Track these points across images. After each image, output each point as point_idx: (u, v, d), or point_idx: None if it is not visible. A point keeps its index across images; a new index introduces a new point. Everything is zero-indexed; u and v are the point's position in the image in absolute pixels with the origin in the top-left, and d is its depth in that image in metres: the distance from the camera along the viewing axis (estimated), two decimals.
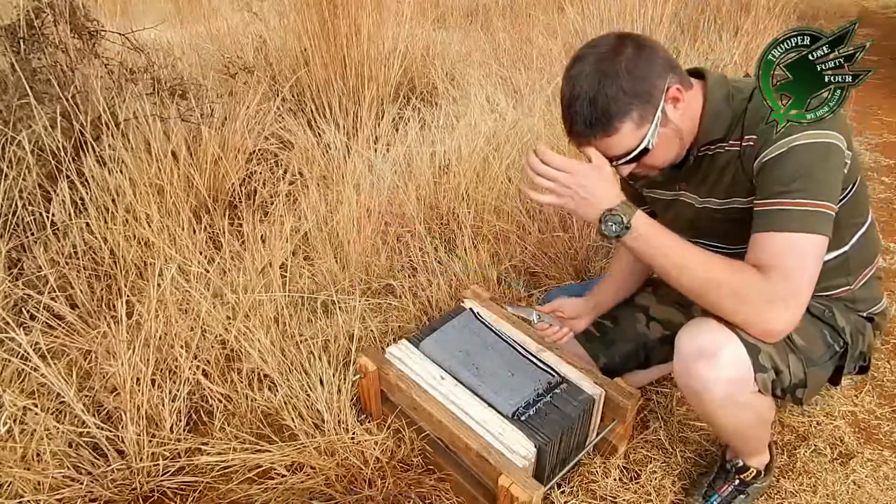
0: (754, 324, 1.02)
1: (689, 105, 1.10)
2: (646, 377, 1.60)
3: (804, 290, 0.99)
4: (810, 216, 0.98)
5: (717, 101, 1.10)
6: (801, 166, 1.00)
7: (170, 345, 1.59)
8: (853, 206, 1.13)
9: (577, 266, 2.17)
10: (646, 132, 1.05)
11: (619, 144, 1.06)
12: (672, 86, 1.05)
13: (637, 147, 1.06)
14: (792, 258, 0.99)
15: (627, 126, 1.03)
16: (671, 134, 1.09)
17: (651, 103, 1.03)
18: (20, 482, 1.29)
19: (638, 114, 1.03)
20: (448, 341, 1.47)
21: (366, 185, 2.27)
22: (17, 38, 2.05)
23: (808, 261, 0.99)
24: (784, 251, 1.00)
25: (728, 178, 1.12)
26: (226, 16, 3.98)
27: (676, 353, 1.11)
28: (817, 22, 5.15)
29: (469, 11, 5.01)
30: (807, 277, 0.99)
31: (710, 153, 1.15)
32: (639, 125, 1.04)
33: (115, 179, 2.02)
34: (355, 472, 1.39)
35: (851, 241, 1.18)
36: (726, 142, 1.11)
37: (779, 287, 0.99)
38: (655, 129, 1.05)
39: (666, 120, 1.06)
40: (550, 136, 2.59)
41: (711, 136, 1.12)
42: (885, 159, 3.18)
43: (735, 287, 1.01)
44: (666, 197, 1.29)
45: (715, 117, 1.11)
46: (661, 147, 1.09)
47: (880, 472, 1.46)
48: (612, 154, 1.07)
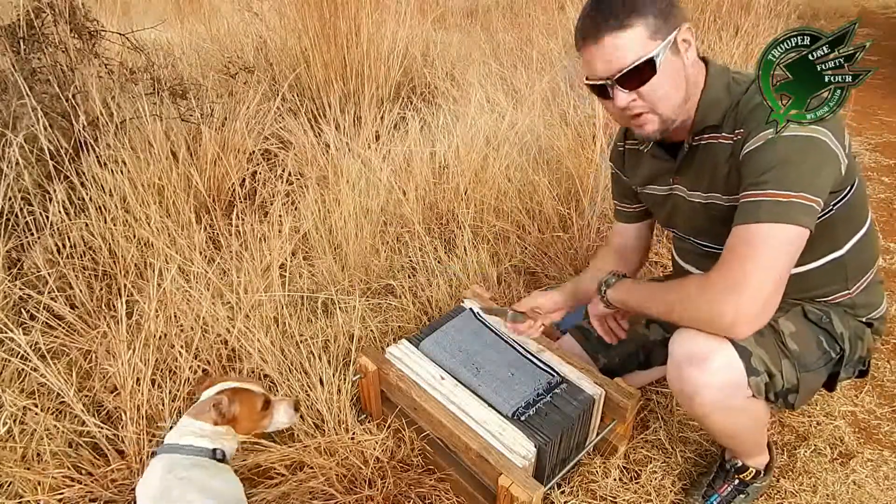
0: (710, 322, 1.02)
1: (695, 64, 1.08)
2: (646, 377, 1.60)
3: (755, 275, 0.96)
4: (781, 206, 0.96)
5: (717, 89, 1.10)
6: (776, 158, 0.98)
7: (170, 345, 1.59)
8: (850, 209, 1.12)
9: (577, 266, 2.17)
10: (656, 46, 1.02)
11: (629, 46, 1.02)
12: (686, 30, 1.04)
13: (645, 56, 1.02)
14: (743, 247, 0.98)
15: (641, 29, 1.01)
16: (679, 69, 1.06)
17: (668, 25, 1.02)
18: (20, 482, 1.29)
19: (654, 22, 1.01)
20: (448, 341, 1.47)
21: (365, 184, 2.26)
22: (17, 38, 2.05)
23: (765, 250, 0.97)
24: (740, 242, 0.99)
25: (724, 171, 1.11)
26: (226, 16, 3.98)
27: (669, 359, 1.11)
28: (817, 22, 5.14)
29: (469, 11, 5.00)
30: (761, 263, 0.96)
31: (704, 143, 1.13)
32: (651, 35, 1.01)
33: (115, 179, 2.02)
34: (355, 472, 1.39)
35: (848, 245, 1.16)
36: (720, 132, 1.10)
37: (725, 278, 0.98)
38: (666, 48, 1.02)
39: (676, 49, 1.04)
40: (550, 135, 2.59)
41: (707, 122, 1.11)
42: (885, 159, 3.18)
43: (682, 300, 1.04)
44: (661, 193, 1.28)
45: (713, 103, 1.10)
46: (666, 78, 1.04)
47: (880, 472, 1.46)
48: (617, 61, 1.03)
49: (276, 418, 1.24)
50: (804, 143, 0.98)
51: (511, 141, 2.51)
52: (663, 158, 1.22)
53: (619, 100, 1.07)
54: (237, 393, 1.18)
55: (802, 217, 0.96)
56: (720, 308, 0.99)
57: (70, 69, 2.14)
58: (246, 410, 1.18)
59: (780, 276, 0.98)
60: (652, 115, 1.09)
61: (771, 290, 0.97)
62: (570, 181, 2.38)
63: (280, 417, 1.24)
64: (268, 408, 1.22)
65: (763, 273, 0.96)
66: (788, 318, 1.16)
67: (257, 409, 1.20)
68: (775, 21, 3.73)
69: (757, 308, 0.98)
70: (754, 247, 0.97)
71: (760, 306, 0.98)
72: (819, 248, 1.14)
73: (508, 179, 2.40)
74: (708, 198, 1.16)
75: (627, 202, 1.42)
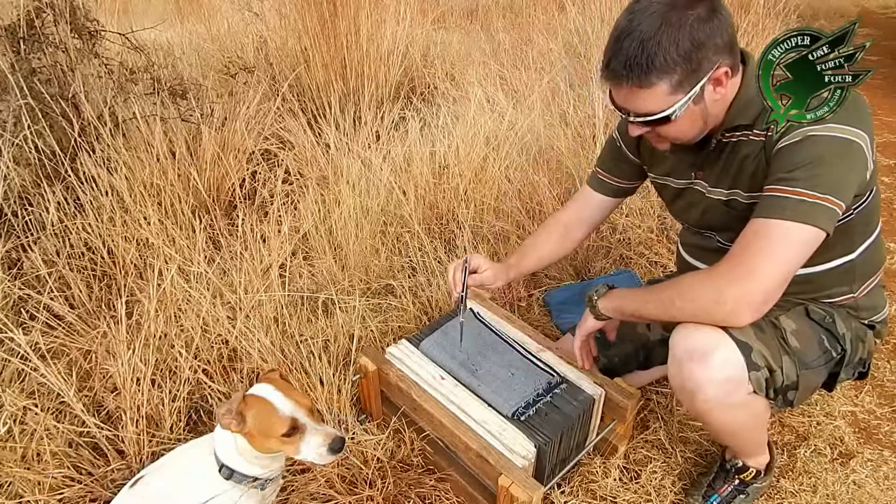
0: (709, 309, 1.02)
1: (727, 92, 1.07)
2: (646, 377, 1.60)
3: (766, 269, 0.96)
4: (807, 206, 0.96)
5: (752, 90, 1.06)
6: (810, 156, 0.97)
7: (170, 345, 1.58)
8: (867, 214, 1.12)
9: (577, 266, 2.18)
10: (677, 100, 1.01)
11: (646, 101, 1.02)
12: (722, 67, 1.01)
13: (661, 112, 1.02)
14: (761, 241, 0.98)
15: (663, 86, 1.00)
16: (698, 114, 1.06)
17: (695, 75, 1.00)
18: (20, 482, 1.29)
19: (678, 79, 0.99)
20: (448, 341, 1.47)
21: (365, 185, 2.26)
22: (17, 38, 2.05)
23: (780, 246, 0.97)
24: (758, 235, 0.98)
25: (750, 169, 1.10)
26: (226, 15, 3.98)
27: (670, 355, 1.11)
28: (817, 22, 5.14)
29: (469, 11, 5.00)
30: (775, 259, 0.96)
31: (735, 140, 1.12)
32: (674, 91, 1.00)
33: (115, 179, 2.02)
34: (355, 473, 1.39)
35: (860, 248, 1.16)
36: (752, 130, 1.09)
37: (736, 267, 0.98)
38: (687, 102, 1.02)
39: (700, 98, 1.03)
40: (550, 136, 2.59)
41: (738, 122, 1.09)
42: (885, 159, 3.18)
43: (682, 291, 1.05)
44: (678, 185, 1.27)
45: (746, 105, 1.08)
46: (683, 122, 1.05)
47: (880, 472, 1.46)
48: (634, 109, 1.05)
49: (303, 451, 1.03)
50: (842, 146, 0.97)
51: (511, 141, 2.51)
52: (690, 150, 1.20)
53: (632, 131, 1.11)
54: (254, 402, 1.02)
55: (824, 220, 0.96)
56: (723, 295, 0.99)
57: (70, 69, 2.14)
58: (261, 425, 1.00)
59: (789, 274, 0.98)
60: (663, 142, 1.13)
61: (776, 284, 0.98)
62: (570, 181, 2.38)
63: (307, 452, 1.03)
64: (294, 434, 1.02)
65: (774, 268, 0.97)
66: (790, 316, 1.16)
67: (276, 429, 1.00)
68: (775, 21, 3.73)
69: (759, 299, 0.98)
70: (771, 242, 0.97)
71: (762, 298, 0.98)
72: (834, 251, 1.14)
73: (508, 179, 2.40)
74: (730, 195, 1.15)
75: (615, 176, 1.40)
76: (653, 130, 1.08)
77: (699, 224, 1.28)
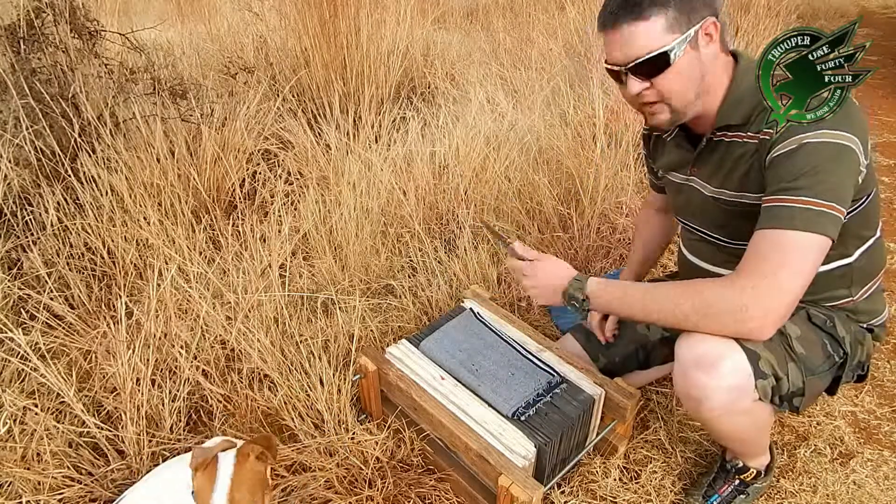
0: (737, 331, 1.01)
1: (717, 58, 1.07)
2: (646, 377, 1.60)
3: (788, 282, 0.97)
4: (814, 215, 0.96)
5: (743, 88, 1.08)
6: (809, 164, 0.97)
7: (170, 345, 1.58)
8: (863, 219, 1.12)
9: (577, 266, 2.17)
10: (673, 39, 1.02)
11: (644, 37, 1.03)
12: (711, 20, 1.03)
13: (659, 49, 1.02)
14: (778, 253, 0.98)
15: (659, 21, 1.01)
16: (695, 65, 1.06)
17: (689, 17, 1.02)
18: (20, 482, 1.29)
19: (673, 16, 1.01)
20: (448, 341, 1.47)
21: (365, 185, 2.27)
22: (17, 38, 2.05)
23: (797, 256, 0.97)
24: (773, 248, 0.98)
25: (742, 170, 1.10)
26: (226, 16, 3.98)
27: (676, 362, 1.10)
28: (817, 22, 5.15)
29: (469, 11, 5.00)
30: (794, 270, 0.97)
31: (727, 140, 1.13)
32: (669, 28, 1.02)
33: (115, 180, 2.02)
34: (355, 473, 1.39)
35: (857, 253, 1.16)
36: (745, 132, 1.09)
37: (758, 283, 0.97)
38: (684, 42, 1.03)
39: (695, 44, 1.04)
40: (550, 136, 2.59)
41: (729, 121, 1.10)
42: (885, 159, 3.18)
43: (702, 309, 1.02)
44: (678, 180, 1.29)
45: (737, 102, 1.09)
46: (681, 72, 1.05)
47: (880, 472, 1.46)
48: (632, 50, 1.04)
49: None
50: (836, 151, 0.98)
51: (511, 141, 2.51)
52: (685, 148, 1.23)
53: (631, 87, 1.09)
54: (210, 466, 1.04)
55: (831, 228, 0.97)
56: (749, 311, 0.98)
57: (70, 69, 2.14)
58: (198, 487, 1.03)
59: (806, 283, 0.99)
60: (663, 106, 1.11)
61: (797, 296, 0.99)
62: (570, 181, 2.38)
63: None
64: None
65: (796, 280, 0.98)
66: (794, 322, 1.15)
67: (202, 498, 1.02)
68: (775, 21, 3.73)
69: (784, 312, 0.99)
70: (788, 253, 0.97)
71: (787, 311, 0.99)
72: (830, 254, 1.14)
73: (508, 179, 2.40)
74: (719, 193, 1.16)
75: (652, 174, 1.48)
76: (653, 86, 1.07)
77: (699, 223, 1.29)
